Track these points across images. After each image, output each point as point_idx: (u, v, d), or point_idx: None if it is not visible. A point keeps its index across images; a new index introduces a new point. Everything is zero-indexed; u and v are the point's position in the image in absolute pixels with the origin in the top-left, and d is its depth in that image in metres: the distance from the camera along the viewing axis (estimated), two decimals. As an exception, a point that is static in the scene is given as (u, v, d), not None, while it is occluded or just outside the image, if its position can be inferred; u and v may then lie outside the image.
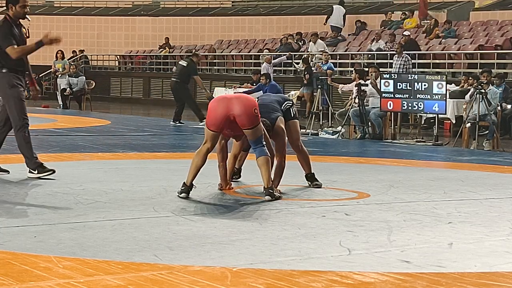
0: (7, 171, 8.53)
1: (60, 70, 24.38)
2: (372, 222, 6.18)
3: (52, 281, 4.17)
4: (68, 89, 23.12)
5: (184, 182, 7.16)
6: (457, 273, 4.60)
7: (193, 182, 7.17)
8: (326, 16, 26.60)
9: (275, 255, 4.95)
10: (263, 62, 22.33)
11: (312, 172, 8.22)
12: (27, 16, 8.42)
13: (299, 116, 8.39)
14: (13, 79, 8.26)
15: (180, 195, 7.10)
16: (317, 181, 8.18)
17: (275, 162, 7.70)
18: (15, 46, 8.21)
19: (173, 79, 18.51)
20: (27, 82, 8.59)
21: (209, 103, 7.34)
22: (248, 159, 8.26)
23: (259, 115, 7.23)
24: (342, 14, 26.18)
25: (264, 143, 7.25)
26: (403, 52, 19.26)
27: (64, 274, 4.31)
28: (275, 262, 4.72)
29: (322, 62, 21.38)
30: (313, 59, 23.12)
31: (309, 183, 8.19)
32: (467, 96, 14.34)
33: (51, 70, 26.60)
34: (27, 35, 8.60)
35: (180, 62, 18.80)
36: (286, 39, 25.43)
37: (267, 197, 7.12)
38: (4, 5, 8.42)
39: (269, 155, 7.26)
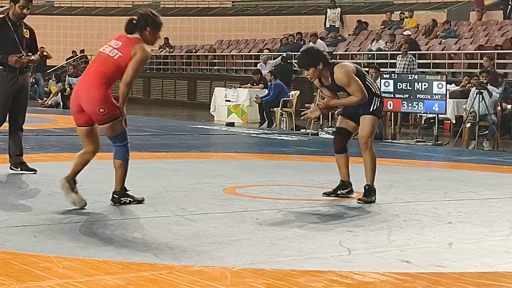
0: (34, 170, 8.45)
1: (53, 92, 24.82)
2: (372, 222, 6.18)
3: (52, 281, 4.17)
4: (68, 89, 23.12)
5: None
6: (457, 273, 4.60)
7: (75, 179, 6.66)
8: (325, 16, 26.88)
9: (275, 255, 4.95)
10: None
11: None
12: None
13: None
14: (3, 76, 8.18)
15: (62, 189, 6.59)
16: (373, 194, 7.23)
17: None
18: None
19: None
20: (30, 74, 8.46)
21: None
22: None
23: (112, 111, 6.68)
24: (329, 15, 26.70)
25: (125, 143, 6.60)
26: (407, 52, 19.25)
27: (64, 274, 4.31)
28: (275, 262, 4.72)
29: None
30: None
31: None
32: (471, 94, 14.22)
33: (47, 89, 26.97)
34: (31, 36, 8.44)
35: None
36: (286, 39, 25.42)
37: (111, 202, 6.65)
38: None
39: (126, 159, 6.61)
